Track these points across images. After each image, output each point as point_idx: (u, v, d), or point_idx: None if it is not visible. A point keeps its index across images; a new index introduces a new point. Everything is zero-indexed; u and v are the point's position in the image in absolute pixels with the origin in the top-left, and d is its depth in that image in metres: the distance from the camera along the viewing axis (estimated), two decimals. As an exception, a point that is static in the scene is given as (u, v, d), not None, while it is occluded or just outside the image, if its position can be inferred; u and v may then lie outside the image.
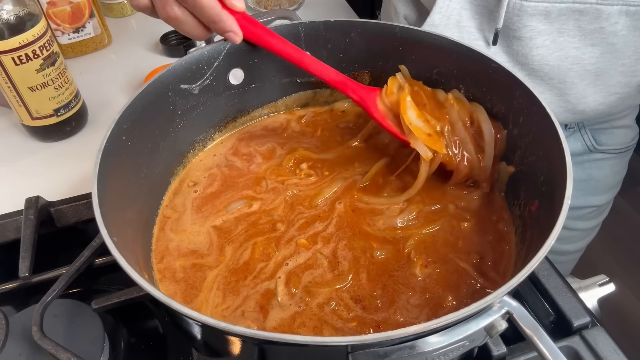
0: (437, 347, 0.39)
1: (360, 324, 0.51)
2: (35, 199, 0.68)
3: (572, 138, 0.91)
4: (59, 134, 0.89)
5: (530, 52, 0.74)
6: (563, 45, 0.73)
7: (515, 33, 0.73)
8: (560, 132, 0.51)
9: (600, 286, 0.63)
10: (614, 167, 0.95)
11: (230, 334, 0.41)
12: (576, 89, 0.77)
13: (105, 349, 0.57)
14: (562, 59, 0.74)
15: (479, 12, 0.75)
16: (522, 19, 0.71)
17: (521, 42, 0.73)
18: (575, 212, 0.99)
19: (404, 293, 0.53)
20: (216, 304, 0.53)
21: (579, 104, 0.78)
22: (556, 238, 0.43)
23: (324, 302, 0.53)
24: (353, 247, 0.58)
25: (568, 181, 0.46)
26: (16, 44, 0.76)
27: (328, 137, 0.73)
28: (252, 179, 0.67)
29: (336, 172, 0.67)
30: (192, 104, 0.66)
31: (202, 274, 0.56)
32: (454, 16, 0.76)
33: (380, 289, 0.54)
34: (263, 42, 0.63)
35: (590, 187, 0.96)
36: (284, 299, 0.53)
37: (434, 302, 0.52)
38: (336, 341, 0.38)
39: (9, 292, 0.64)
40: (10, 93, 0.81)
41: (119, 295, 0.56)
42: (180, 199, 0.65)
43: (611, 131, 0.90)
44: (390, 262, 0.56)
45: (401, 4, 0.87)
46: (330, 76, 0.63)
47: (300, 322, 0.51)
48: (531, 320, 0.41)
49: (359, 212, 0.61)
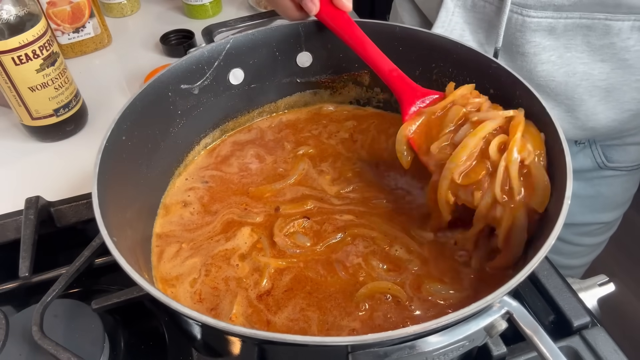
0: (437, 347, 0.39)
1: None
2: (35, 199, 0.68)
3: (581, 154, 0.88)
4: (59, 134, 0.89)
5: (535, 68, 0.72)
6: (570, 60, 0.70)
7: (519, 49, 0.71)
8: (560, 132, 0.50)
9: (600, 286, 0.63)
10: (625, 184, 0.91)
11: (230, 333, 0.41)
12: (586, 105, 0.74)
13: (105, 349, 0.57)
14: (569, 74, 0.71)
15: (482, 27, 0.74)
16: (525, 35, 0.69)
17: (525, 57, 0.71)
18: (582, 229, 0.96)
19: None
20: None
21: (589, 120, 0.76)
22: (557, 237, 0.43)
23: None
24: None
25: (568, 181, 0.46)
26: (16, 44, 0.76)
27: (328, 138, 0.73)
28: (250, 181, 0.67)
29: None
30: (192, 104, 0.66)
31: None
32: (456, 30, 0.75)
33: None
34: (335, 21, 0.65)
35: (598, 204, 0.93)
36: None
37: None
38: (336, 341, 0.37)
39: (9, 292, 0.64)
40: (10, 93, 0.81)
41: (119, 295, 0.56)
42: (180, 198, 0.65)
43: (623, 148, 0.86)
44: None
45: (407, 14, 0.87)
46: (385, 67, 0.62)
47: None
48: (531, 320, 0.41)
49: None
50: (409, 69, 0.68)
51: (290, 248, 0.58)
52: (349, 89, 0.76)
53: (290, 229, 0.59)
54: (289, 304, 0.53)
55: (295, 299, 0.53)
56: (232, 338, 0.43)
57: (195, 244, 0.60)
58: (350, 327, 0.50)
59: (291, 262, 0.56)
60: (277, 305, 0.53)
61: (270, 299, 0.53)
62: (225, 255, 0.58)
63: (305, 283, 0.55)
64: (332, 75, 0.75)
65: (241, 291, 0.54)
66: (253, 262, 0.57)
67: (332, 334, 0.50)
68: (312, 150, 0.70)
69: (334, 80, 0.76)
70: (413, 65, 0.68)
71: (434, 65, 0.67)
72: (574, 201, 0.91)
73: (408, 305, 0.51)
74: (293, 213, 0.61)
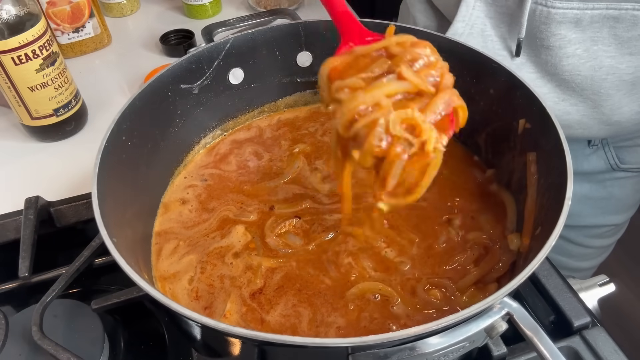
0: (438, 348, 0.39)
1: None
2: (35, 199, 0.68)
3: (595, 156, 0.87)
4: (58, 134, 0.89)
5: (560, 62, 0.70)
6: (597, 54, 0.69)
7: (544, 42, 0.69)
8: (560, 131, 0.50)
9: (600, 286, 0.63)
10: (635, 185, 0.92)
11: (230, 335, 0.41)
12: (612, 100, 0.72)
13: (105, 349, 0.57)
14: (595, 68, 0.70)
15: (504, 21, 0.72)
16: (549, 27, 0.67)
17: (550, 51, 0.70)
18: (593, 231, 0.96)
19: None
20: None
21: (613, 114, 0.74)
22: (558, 235, 0.43)
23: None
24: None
25: (568, 181, 0.46)
26: (16, 44, 0.76)
27: (322, 135, 0.73)
28: (247, 179, 0.67)
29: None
30: (192, 104, 0.66)
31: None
32: (477, 25, 0.73)
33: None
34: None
35: (610, 206, 0.93)
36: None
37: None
38: (336, 342, 0.38)
39: (8, 292, 0.64)
40: (10, 93, 0.81)
41: (119, 295, 0.55)
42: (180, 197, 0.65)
43: (634, 149, 0.86)
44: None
45: (420, 14, 0.85)
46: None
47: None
48: (531, 321, 0.41)
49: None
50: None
51: (282, 248, 0.58)
52: (349, 89, 0.76)
53: (281, 229, 0.60)
54: (280, 301, 0.54)
55: (287, 295, 0.54)
56: (232, 339, 0.43)
57: (192, 241, 0.60)
58: (337, 324, 0.51)
59: (283, 262, 0.57)
60: (269, 303, 0.53)
61: (262, 297, 0.54)
62: (220, 252, 0.59)
63: (295, 281, 0.55)
64: (332, 75, 0.75)
65: (235, 290, 0.55)
66: (246, 260, 0.57)
67: (322, 330, 0.50)
68: (308, 148, 0.71)
69: (334, 80, 0.76)
70: (413, 65, 0.68)
71: (434, 65, 0.67)
72: (587, 203, 0.92)
73: (398, 304, 0.52)
74: (286, 212, 0.62)
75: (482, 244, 0.58)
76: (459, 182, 0.65)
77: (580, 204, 0.92)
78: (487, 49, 0.72)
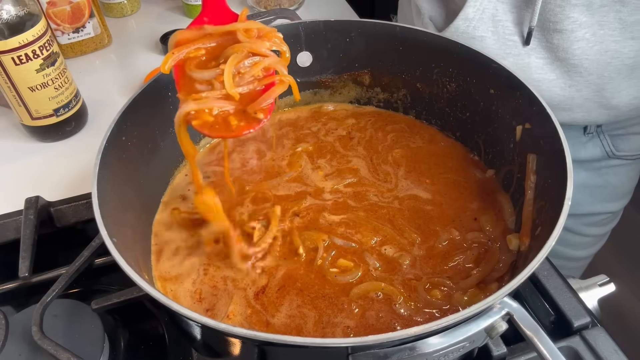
0: (438, 348, 0.39)
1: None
2: (35, 199, 0.68)
3: (591, 144, 0.89)
4: (58, 134, 0.89)
5: (571, 46, 0.70)
6: (603, 38, 0.70)
7: (557, 25, 0.69)
8: (560, 131, 0.50)
9: (600, 286, 0.63)
10: (630, 172, 0.94)
11: (230, 335, 0.41)
12: (612, 83, 0.74)
13: (105, 349, 0.57)
14: (601, 52, 0.71)
15: (517, 5, 0.71)
16: (564, 10, 0.67)
17: (562, 35, 0.70)
18: (590, 219, 0.98)
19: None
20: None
21: (613, 98, 0.75)
22: (558, 236, 0.43)
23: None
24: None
25: (569, 182, 0.46)
26: (16, 44, 0.76)
27: (325, 135, 0.74)
28: (250, 178, 0.67)
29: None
30: (192, 104, 0.66)
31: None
32: (488, 9, 0.72)
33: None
34: None
35: (607, 194, 0.95)
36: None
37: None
38: (336, 342, 0.38)
39: (9, 292, 0.64)
40: (10, 93, 0.81)
41: (119, 295, 0.56)
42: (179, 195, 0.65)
43: (627, 137, 0.88)
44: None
45: (426, 4, 0.84)
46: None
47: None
48: (531, 321, 0.41)
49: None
50: (409, 69, 0.68)
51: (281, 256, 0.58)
52: (349, 89, 0.76)
53: (283, 227, 0.60)
54: (284, 301, 0.54)
55: (290, 295, 0.54)
56: (232, 339, 0.43)
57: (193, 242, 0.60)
58: (344, 324, 0.51)
59: (284, 261, 0.57)
60: (273, 305, 0.53)
61: (266, 299, 0.54)
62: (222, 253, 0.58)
63: (296, 279, 0.55)
64: (332, 75, 0.75)
65: (238, 291, 0.55)
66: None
67: (328, 331, 0.50)
68: (311, 147, 0.71)
69: (334, 80, 0.76)
70: (413, 65, 0.68)
71: (434, 65, 0.67)
72: (584, 191, 0.93)
73: (401, 303, 0.53)
74: (286, 210, 0.62)
75: (482, 243, 0.58)
76: (460, 182, 0.65)
77: (578, 192, 0.93)
78: (498, 34, 0.71)
